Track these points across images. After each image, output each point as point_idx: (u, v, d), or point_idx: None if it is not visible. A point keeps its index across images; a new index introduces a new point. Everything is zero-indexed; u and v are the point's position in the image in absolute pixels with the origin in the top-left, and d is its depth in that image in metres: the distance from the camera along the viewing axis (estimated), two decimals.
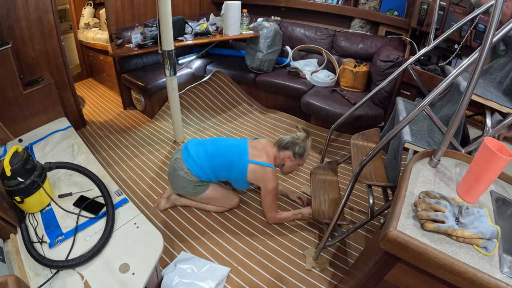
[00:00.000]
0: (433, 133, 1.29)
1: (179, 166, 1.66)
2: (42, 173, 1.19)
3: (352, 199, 2.01)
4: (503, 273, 0.67)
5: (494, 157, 0.76)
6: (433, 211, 0.77)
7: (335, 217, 1.35)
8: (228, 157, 1.64)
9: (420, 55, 1.63)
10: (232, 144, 1.70)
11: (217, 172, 1.68)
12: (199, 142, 1.75)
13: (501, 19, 1.75)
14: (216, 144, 1.71)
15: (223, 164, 1.65)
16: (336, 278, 1.48)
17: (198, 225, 1.75)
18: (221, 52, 3.55)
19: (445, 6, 2.17)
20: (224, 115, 2.98)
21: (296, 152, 1.65)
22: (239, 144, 1.68)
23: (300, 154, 1.66)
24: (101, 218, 1.19)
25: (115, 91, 3.42)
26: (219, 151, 1.67)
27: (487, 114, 1.10)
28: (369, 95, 1.87)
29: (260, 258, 1.58)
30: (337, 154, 2.42)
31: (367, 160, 1.22)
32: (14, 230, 1.10)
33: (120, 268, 1.00)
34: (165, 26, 1.98)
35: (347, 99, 2.55)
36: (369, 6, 2.84)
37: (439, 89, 1.02)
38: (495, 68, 1.26)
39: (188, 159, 1.66)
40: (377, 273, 0.87)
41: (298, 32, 3.14)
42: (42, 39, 2.21)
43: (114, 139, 2.59)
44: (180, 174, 1.65)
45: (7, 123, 1.71)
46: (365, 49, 2.79)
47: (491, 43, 0.80)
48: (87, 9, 3.64)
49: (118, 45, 2.59)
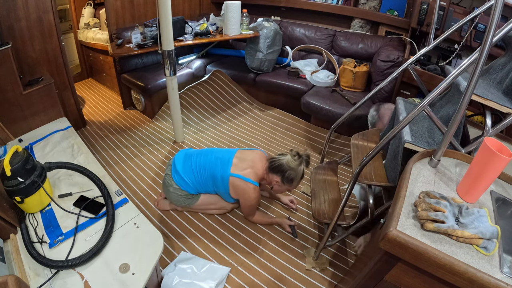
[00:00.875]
0: (433, 133, 1.29)
1: (169, 182, 1.66)
2: (42, 173, 1.19)
3: (352, 199, 2.01)
4: (503, 273, 0.67)
5: (494, 157, 0.76)
6: (433, 211, 0.77)
7: (335, 217, 1.35)
8: (211, 170, 1.59)
9: (420, 55, 1.62)
10: (218, 156, 1.62)
11: (204, 185, 1.65)
12: (188, 155, 1.70)
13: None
14: (203, 156, 1.66)
15: (207, 177, 1.61)
16: (336, 278, 1.48)
17: (198, 225, 1.75)
18: (221, 52, 3.55)
19: (445, 6, 2.17)
20: (224, 114, 2.98)
21: (285, 178, 1.52)
22: (224, 156, 1.60)
23: (289, 180, 1.53)
24: (101, 218, 1.19)
25: (115, 91, 3.42)
26: (204, 164, 1.62)
27: (487, 114, 1.10)
28: (369, 95, 1.87)
29: (260, 258, 1.58)
30: (337, 154, 2.42)
31: (367, 160, 1.22)
32: (14, 230, 1.10)
33: (120, 268, 1.00)
34: (165, 26, 1.98)
35: (347, 99, 2.55)
36: (369, 6, 2.84)
37: (439, 89, 1.02)
38: (495, 68, 1.25)
39: (175, 175, 1.64)
40: (377, 273, 0.87)
41: (298, 32, 3.14)
42: (42, 39, 2.21)
43: (114, 139, 2.59)
44: (170, 190, 1.66)
45: (7, 123, 1.71)
46: (365, 49, 2.79)
47: (491, 43, 0.80)
48: (87, 9, 3.64)
49: (118, 45, 2.59)
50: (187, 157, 1.69)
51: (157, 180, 2.10)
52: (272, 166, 1.54)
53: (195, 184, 1.64)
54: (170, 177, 1.66)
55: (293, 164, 1.51)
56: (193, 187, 1.65)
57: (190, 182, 1.63)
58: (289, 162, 1.51)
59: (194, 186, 1.65)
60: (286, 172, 1.51)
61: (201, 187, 1.66)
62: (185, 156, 1.70)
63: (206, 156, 1.65)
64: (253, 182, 1.53)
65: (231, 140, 2.60)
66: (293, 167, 1.51)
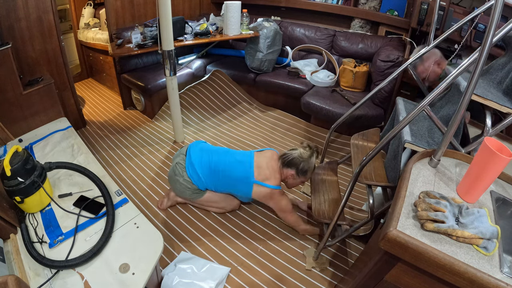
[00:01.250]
0: (433, 133, 1.29)
1: (179, 172, 1.65)
2: (42, 173, 1.19)
3: (352, 199, 2.01)
4: (503, 273, 0.67)
5: (494, 157, 0.76)
6: (433, 211, 0.77)
7: (335, 217, 1.35)
8: (232, 174, 1.60)
9: (420, 55, 1.62)
10: (238, 159, 1.63)
11: (219, 186, 1.66)
12: (203, 149, 1.70)
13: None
14: (221, 156, 1.66)
15: (227, 181, 1.62)
16: (336, 278, 1.48)
17: (198, 225, 1.75)
18: (221, 52, 3.55)
19: (445, 6, 2.17)
20: (224, 114, 2.98)
21: (299, 170, 1.57)
22: (245, 161, 1.61)
23: (303, 172, 1.58)
24: (101, 218, 1.19)
25: (115, 91, 3.42)
26: (223, 166, 1.62)
27: (487, 114, 1.10)
28: (369, 95, 1.87)
29: (260, 258, 1.58)
30: (337, 154, 2.42)
31: (367, 160, 1.22)
32: (14, 230, 1.10)
33: (120, 268, 1.00)
34: (165, 26, 1.98)
35: (347, 99, 2.55)
36: (369, 6, 2.84)
37: (439, 89, 1.02)
38: (495, 68, 1.25)
39: (189, 167, 1.63)
40: (377, 273, 0.87)
41: (298, 32, 3.14)
42: (42, 39, 2.21)
43: (114, 139, 2.59)
44: (179, 180, 1.65)
45: (7, 123, 1.70)
46: (365, 49, 2.79)
47: (491, 43, 0.80)
48: (87, 9, 3.64)
49: (118, 45, 2.59)
50: (203, 152, 1.68)
51: (157, 180, 2.10)
52: (285, 162, 1.58)
53: (207, 180, 1.64)
54: (183, 168, 1.64)
55: (306, 155, 1.56)
56: (204, 183, 1.65)
57: (204, 177, 1.63)
58: (302, 154, 1.56)
59: (206, 182, 1.65)
60: (300, 165, 1.55)
61: (212, 185, 1.66)
62: (201, 150, 1.69)
63: (225, 157, 1.65)
64: (276, 187, 1.56)
65: (231, 140, 2.60)
66: (305, 158, 1.55)
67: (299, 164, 1.56)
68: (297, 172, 1.57)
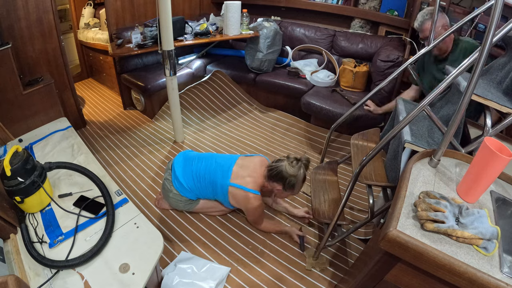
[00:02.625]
0: (433, 133, 1.29)
1: (168, 187, 1.66)
2: (42, 173, 1.19)
3: (352, 199, 2.01)
4: (503, 273, 0.67)
5: (494, 157, 0.76)
6: (433, 211, 0.77)
7: (335, 217, 1.35)
8: (211, 178, 1.57)
9: (420, 55, 1.62)
10: (219, 162, 1.60)
11: (203, 192, 1.65)
12: (187, 159, 1.67)
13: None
14: (203, 162, 1.63)
15: (207, 185, 1.60)
16: (336, 278, 1.48)
17: (198, 225, 1.75)
18: (221, 52, 3.55)
19: (445, 6, 2.17)
20: (224, 114, 2.98)
21: (286, 185, 1.48)
22: (225, 164, 1.58)
23: (291, 186, 1.48)
24: (101, 218, 1.19)
25: (115, 91, 3.42)
26: (204, 171, 1.60)
27: (487, 114, 1.10)
28: (369, 95, 1.87)
29: (260, 258, 1.58)
30: (337, 154, 2.42)
31: (367, 160, 1.22)
32: (14, 230, 1.10)
33: (120, 268, 1.00)
34: (165, 26, 1.98)
35: (347, 99, 2.55)
36: (369, 6, 2.84)
37: (439, 89, 1.02)
38: (495, 68, 1.25)
39: (175, 181, 1.63)
40: (377, 273, 0.87)
41: (298, 32, 3.14)
42: (42, 39, 2.21)
43: (114, 139, 2.59)
44: (169, 195, 1.66)
45: (7, 123, 1.70)
46: (365, 49, 2.79)
47: (491, 43, 0.80)
48: (87, 9, 3.64)
49: (118, 45, 2.59)
50: (186, 161, 1.66)
51: (157, 180, 2.10)
52: (271, 175, 1.50)
53: (194, 190, 1.64)
54: (170, 182, 1.65)
55: (292, 170, 1.46)
56: (192, 193, 1.65)
57: (190, 188, 1.63)
58: (288, 169, 1.46)
59: (194, 192, 1.65)
60: (286, 180, 1.46)
61: (200, 193, 1.66)
62: (185, 160, 1.67)
63: (207, 162, 1.62)
64: (253, 191, 1.49)
65: (231, 140, 2.60)
66: (292, 174, 1.45)
67: (286, 179, 1.46)
68: (284, 187, 1.49)
